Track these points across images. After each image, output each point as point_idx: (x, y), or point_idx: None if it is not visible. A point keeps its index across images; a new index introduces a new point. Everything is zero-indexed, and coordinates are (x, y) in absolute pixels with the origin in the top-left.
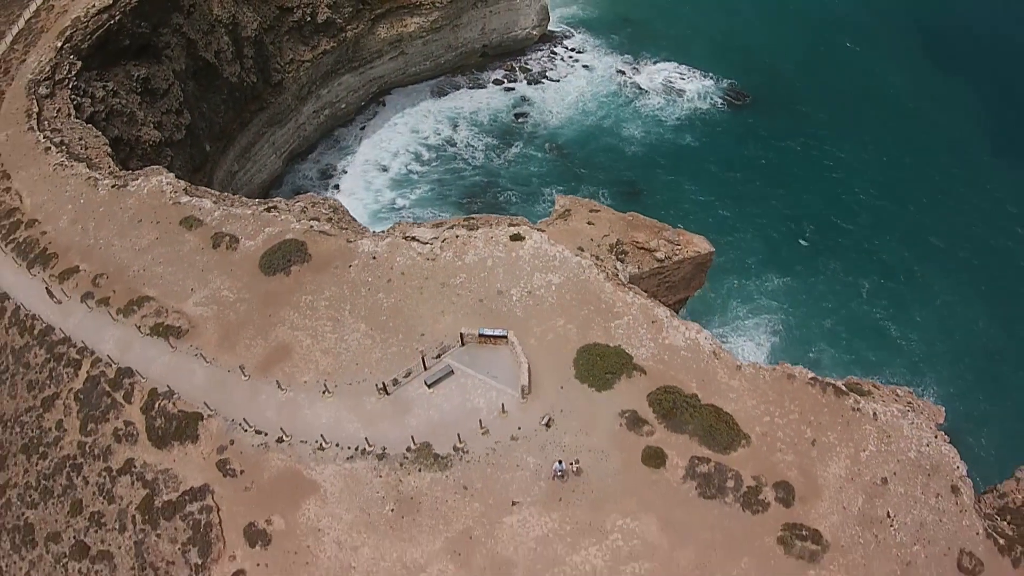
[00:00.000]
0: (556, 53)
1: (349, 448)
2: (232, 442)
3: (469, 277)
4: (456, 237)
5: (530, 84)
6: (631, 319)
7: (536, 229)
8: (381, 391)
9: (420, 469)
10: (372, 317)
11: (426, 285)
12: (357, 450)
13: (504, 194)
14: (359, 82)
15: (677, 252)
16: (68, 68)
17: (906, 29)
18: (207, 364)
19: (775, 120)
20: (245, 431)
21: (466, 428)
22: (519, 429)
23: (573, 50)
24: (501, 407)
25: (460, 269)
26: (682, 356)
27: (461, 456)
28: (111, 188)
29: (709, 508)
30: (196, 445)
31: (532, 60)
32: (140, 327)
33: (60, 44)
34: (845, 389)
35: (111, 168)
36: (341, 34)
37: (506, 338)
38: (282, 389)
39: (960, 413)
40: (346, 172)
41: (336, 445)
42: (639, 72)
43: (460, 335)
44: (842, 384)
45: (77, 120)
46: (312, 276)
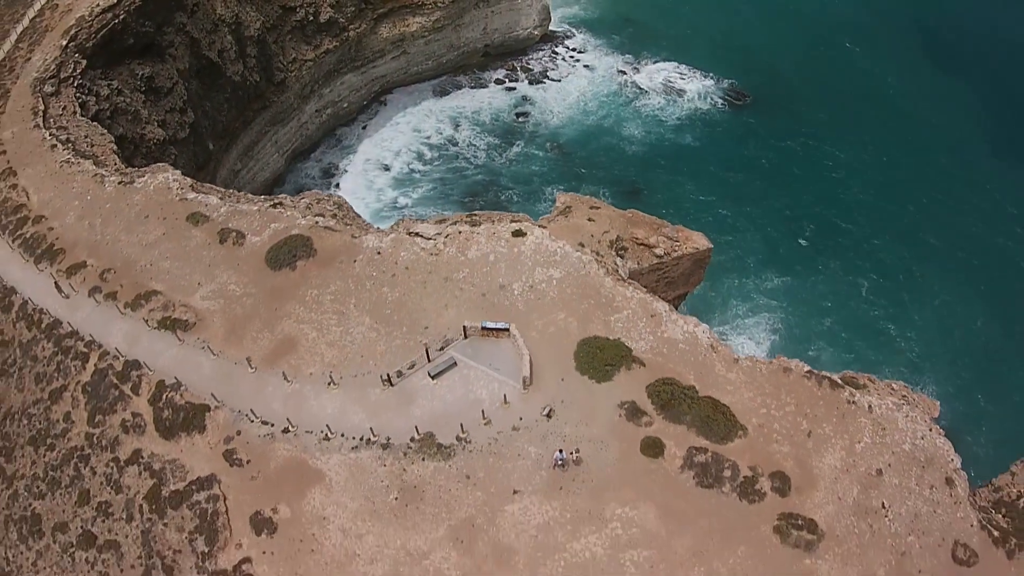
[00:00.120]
0: (557, 53)
1: (354, 438)
2: (239, 433)
3: (472, 272)
4: (459, 233)
5: (531, 84)
6: (630, 313)
7: (537, 225)
8: (386, 382)
9: (424, 458)
10: (377, 311)
11: (429, 280)
12: (362, 440)
13: (505, 193)
14: (361, 81)
15: (676, 248)
16: (73, 66)
17: (906, 29)
18: (214, 357)
19: (775, 120)
20: (252, 422)
21: (469, 418)
22: (520, 419)
23: (574, 50)
24: (503, 398)
25: (463, 264)
26: (680, 349)
27: (464, 446)
28: (118, 185)
29: (706, 497)
30: (203, 436)
31: (533, 60)
32: (147, 321)
33: (65, 43)
34: (841, 382)
35: (117, 165)
36: (343, 33)
37: (508, 331)
38: (288, 381)
39: (958, 412)
40: (348, 171)
41: (341, 435)
42: (640, 72)
43: (463, 328)
44: (838, 378)
45: (82, 118)
46: (318, 271)
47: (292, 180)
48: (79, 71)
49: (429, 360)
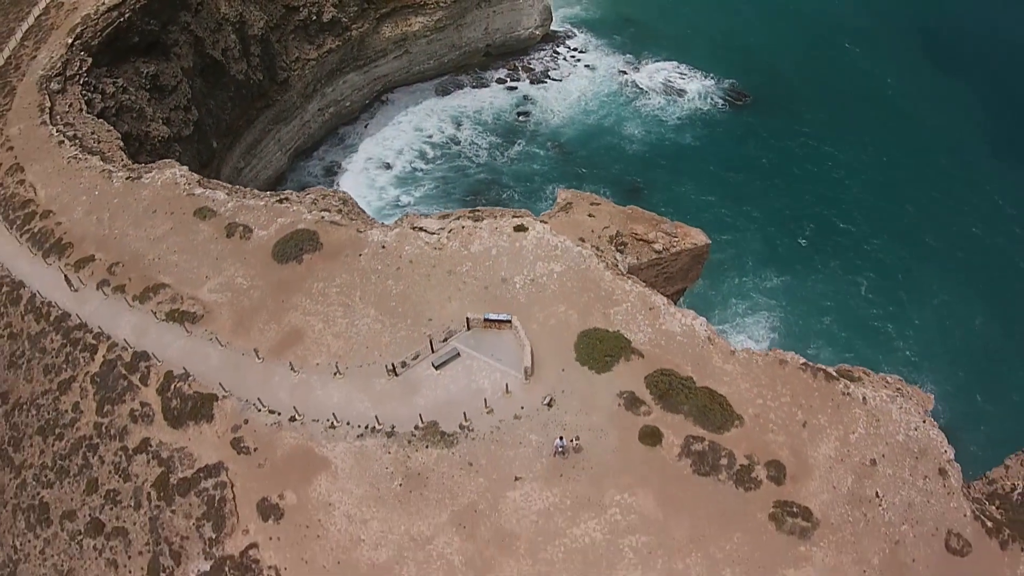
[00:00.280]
0: (559, 53)
1: (359, 426)
2: (246, 421)
3: (475, 265)
4: (462, 228)
5: (533, 83)
6: (629, 306)
7: (539, 221)
8: (390, 372)
9: (427, 446)
10: (382, 303)
11: (433, 273)
12: (367, 428)
13: (507, 191)
14: (364, 81)
15: (675, 244)
16: (79, 64)
17: (906, 30)
18: (222, 348)
19: (775, 120)
20: (259, 411)
21: (471, 407)
22: (522, 408)
23: (575, 50)
24: (505, 388)
25: (466, 258)
26: (678, 341)
27: (467, 434)
28: (125, 180)
29: (703, 485)
30: (211, 424)
31: (535, 60)
32: (156, 313)
33: (71, 41)
34: (835, 375)
35: (124, 161)
36: (346, 33)
37: (510, 323)
38: (295, 371)
39: (956, 411)
40: (350, 170)
41: (347, 423)
42: (640, 72)
43: (466, 320)
44: (833, 370)
45: (89, 115)
46: (324, 264)
47: (295, 178)
48: (85, 69)
49: (433, 351)
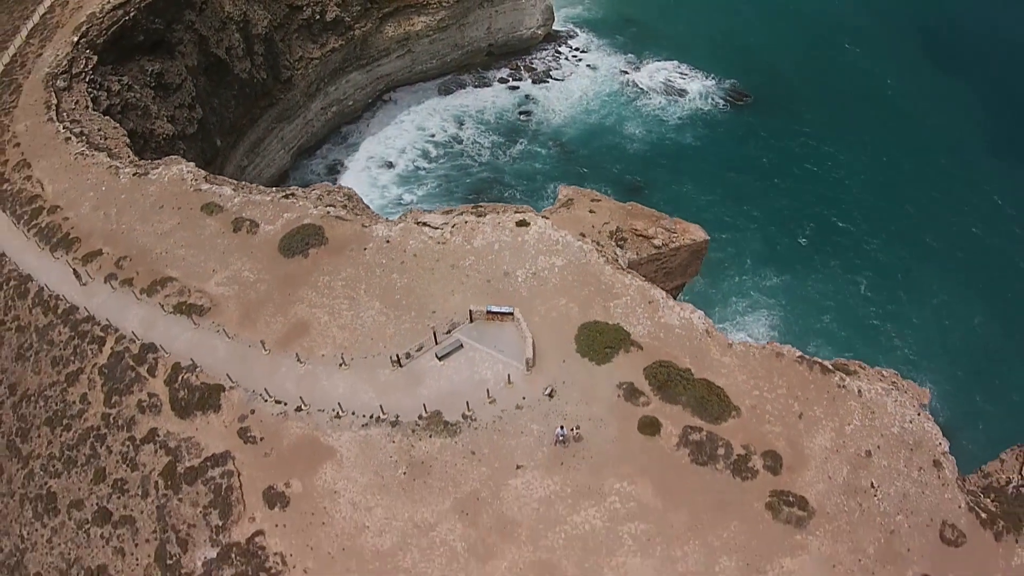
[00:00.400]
0: (560, 52)
1: (364, 416)
2: (253, 411)
3: (477, 259)
4: (465, 223)
5: (535, 83)
6: (629, 299)
7: (540, 216)
8: (395, 363)
9: (431, 435)
10: (386, 296)
11: (437, 267)
12: (372, 418)
13: (509, 190)
14: (366, 80)
15: (674, 239)
16: (85, 62)
17: (906, 29)
18: (229, 339)
19: (775, 120)
20: (265, 401)
21: (474, 397)
22: (523, 399)
23: (577, 50)
24: (507, 378)
25: (469, 252)
26: (676, 334)
27: (469, 423)
28: (132, 176)
29: (701, 474)
30: (218, 415)
31: (537, 59)
32: (163, 306)
33: (76, 39)
34: (831, 368)
35: (131, 158)
36: (349, 32)
37: (512, 315)
38: (301, 362)
39: (955, 410)
40: (353, 168)
41: (352, 413)
42: (642, 72)
43: (469, 312)
44: (829, 364)
45: (95, 112)
46: (329, 258)
47: (297, 176)
48: (91, 67)
49: (436, 342)
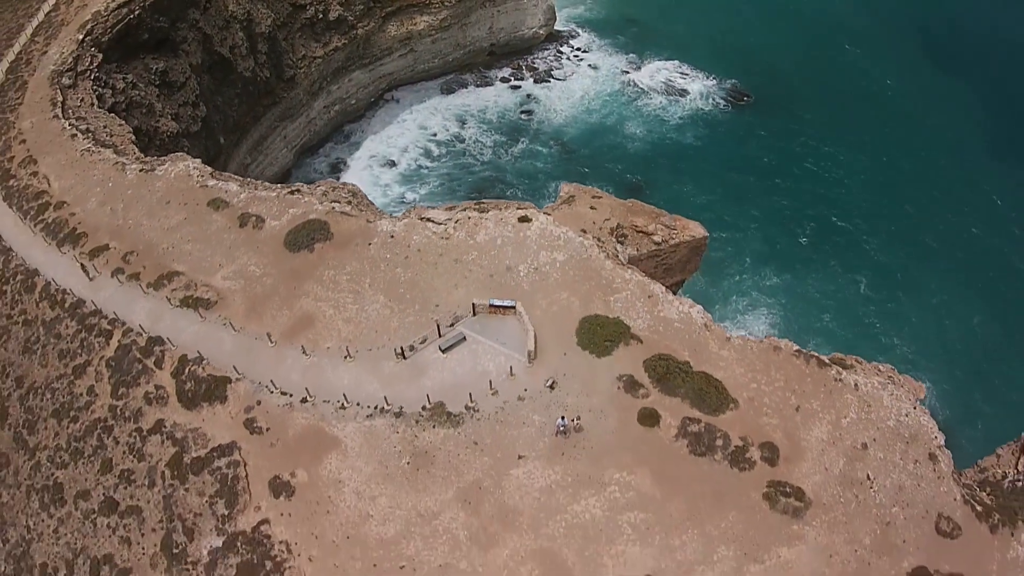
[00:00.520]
0: (562, 52)
1: (369, 407)
2: (259, 402)
3: (480, 254)
4: (468, 218)
5: (536, 82)
6: (629, 294)
7: (542, 212)
8: (399, 356)
9: (434, 426)
10: (391, 290)
11: (440, 261)
12: (376, 409)
13: (511, 188)
14: (369, 79)
15: (673, 236)
16: (90, 60)
17: (906, 30)
18: (235, 332)
19: (776, 120)
20: (271, 392)
21: (477, 389)
22: (525, 390)
23: (579, 49)
24: (509, 370)
25: (472, 247)
26: (676, 327)
27: (472, 414)
28: (139, 172)
29: (699, 464)
30: (224, 406)
31: (539, 59)
32: (170, 299)
33: (81, 37)
34: (828, 362)
35: (137, 154)
36: (352, 31)
37: (514, 308)
38: (306, 354)
39: (954, 409)
40: (355, 167)
41: (357, 404)
42: (643, 72)
43: (472, 305)
44: (826, 358)
45: (100, 109)
46: (334, 253)
47: (300, 175)
48: (95, 64)
49: (440, 335)
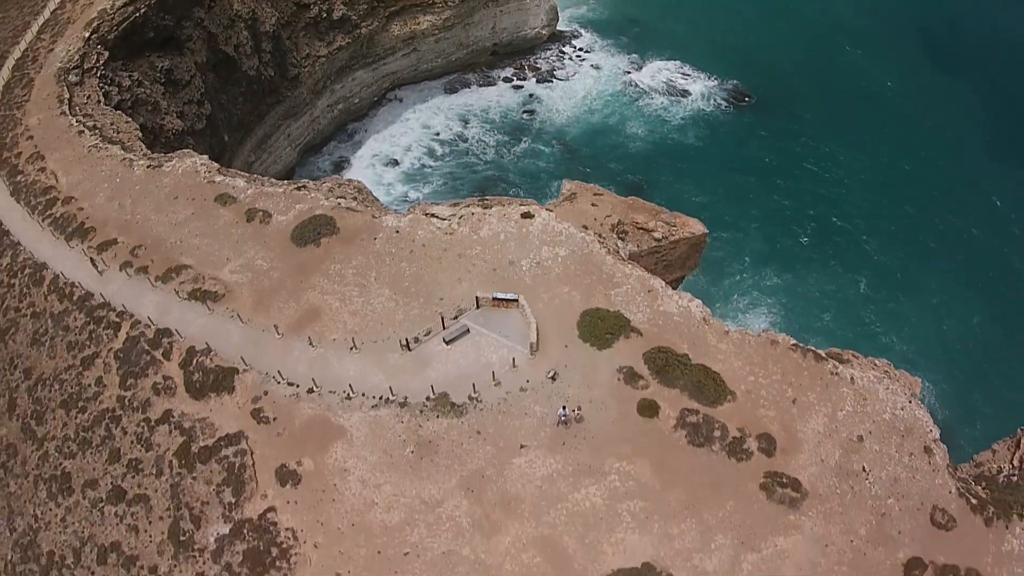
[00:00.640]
0: (564, 52)
1: (374, 397)
2: (266, 393)
3: (484, 249)
4: (472, 214)
5: (539, 82)
6: (629, 288)
7: (544, 209)
8: (404, 347)
9: (438, 416)
10: (396, 283)
11: (444, 256)
12: (381, 399)
13: (513, 188)
14: (372, 78)
15: (673, 233)
16: (96, 57)
17: (906, 30)
18: (243, 324)
19: (777, 121)
20: (278, 383)
21: (480, 380)
22: (527, 382)
23: (581, 50)
24: (512, 362)
25: (475, 242)
26: (675, 321)
27: (475, 405)
28: (146, 168)
29: (697, 455)
30: (232, 396)
31: (541, 59)
32: (178, 292)
33: (88, 35)
34: (825, 356)
35: (144, 151)
36: (356, 31)
37: (517, 301)
38: (313, 346)
39: (953, 408)
40: (358, 165)
41: (362, 395)
42: (645, 72)
43: (475, 299)
44: (823, 352)
45: (107, 107)
46: (340, 247)
47: (303, 173)
48: (102, 62)
49: (444, 327)
